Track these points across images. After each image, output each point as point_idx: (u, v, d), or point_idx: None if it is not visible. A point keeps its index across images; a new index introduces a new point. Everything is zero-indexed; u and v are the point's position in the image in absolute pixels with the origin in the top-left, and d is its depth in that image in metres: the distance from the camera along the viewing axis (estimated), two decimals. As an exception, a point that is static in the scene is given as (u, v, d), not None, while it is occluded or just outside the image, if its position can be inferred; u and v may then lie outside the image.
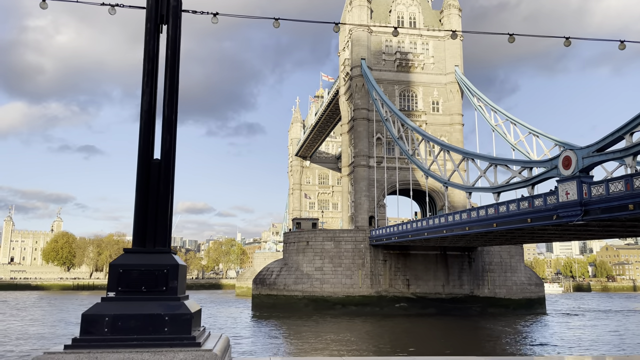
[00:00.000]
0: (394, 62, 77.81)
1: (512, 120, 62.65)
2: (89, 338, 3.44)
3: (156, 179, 3.76)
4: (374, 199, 72.95)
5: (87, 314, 3.54)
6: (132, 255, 3.79)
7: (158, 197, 3.77)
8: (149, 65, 3.80)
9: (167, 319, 3.57)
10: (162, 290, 3.74)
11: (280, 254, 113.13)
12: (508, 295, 69.77)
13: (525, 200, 35.00)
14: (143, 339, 3.49)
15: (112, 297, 3.68)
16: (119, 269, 3.74)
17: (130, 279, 3.72)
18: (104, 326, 3.49)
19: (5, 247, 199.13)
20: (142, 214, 3.75)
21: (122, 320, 3.53)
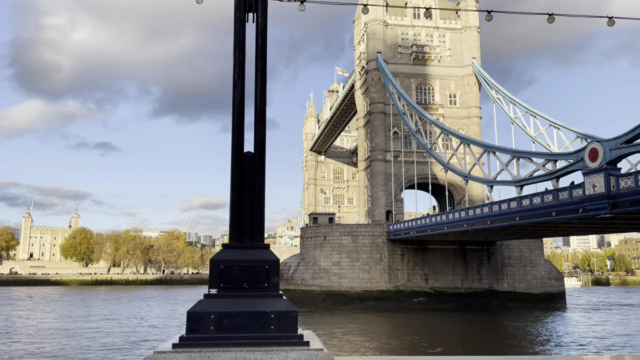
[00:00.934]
0: (410, 55, 77.17)
1: (532, 113, 61.79)
2: (196, 336, 3.34)
3: (250, 173, 3.63)
4: (391, 193, 72.61)
5: (193, 311, 3.44)
6: (232, 251, 3.67)
7: (253, 190, 3.64)
8: (240, 55, 3.66)
9: (272, 316, 3.47)
10: (264, 286, 3.64)
11: (296, 249, 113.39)
12: (528, 289, 69.06)
13: (550, 194, 34.46)
14: (250, 338, 3.38)
15: (214, 294, 3.58)
16: (220, 264, 3.63)
17: (232, 275, 3.62)
18: (210, 324, 3.39)
19: (24, 243, 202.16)
20: (237, 208, 3.62)
21: (228, 318, 3.42)
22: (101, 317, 57.33)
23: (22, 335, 43.31)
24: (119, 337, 41.47)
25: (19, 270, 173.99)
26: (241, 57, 3.68)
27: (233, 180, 3.64)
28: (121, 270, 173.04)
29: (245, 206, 3.63)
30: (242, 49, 3.69)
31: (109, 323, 51.85)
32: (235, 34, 3.69)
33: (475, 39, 77.77)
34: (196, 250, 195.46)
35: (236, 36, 3.67)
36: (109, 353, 33.95)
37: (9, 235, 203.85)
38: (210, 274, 3.61)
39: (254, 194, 3.65)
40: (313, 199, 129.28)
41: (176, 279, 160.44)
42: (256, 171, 3.64)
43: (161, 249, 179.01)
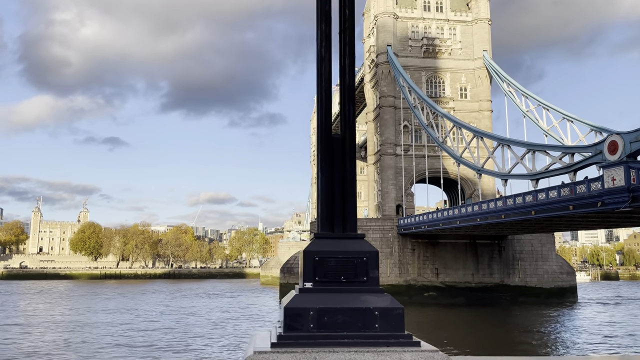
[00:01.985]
0: (420, 48, 76.49)
1: (545, 106, 61.12)
2: (295, 335, 3.09)
3: (340, 156, 3.36)
4: (402, 187, 72.24)
5: (290, 307, 3.19)
6: (325, 242, 3.39)
7: (344, 176, 3.36)
8: (326, 28, 3.34)
9: (377, 313, 3.19)
10: (363, 280, 3.36)
11: (304, 244, 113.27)
12: (539, 284, 68.61)
13: (567, 187, 34.01)
14: (354, 337, 3.11)
15: (310, 288, 3.32)
16: (314, 256, 3.36)
17: (328, 268, 3.35)
18: (309, 321, 3.14)
19: (34, 238, 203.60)
20: (328, 195, 3.34)
21: (329, 315, 3.16)
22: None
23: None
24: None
25: (29, 264, 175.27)
26: (327, 30, 3.36)
27: (322, 165, 3.35)
28: (130, 264, 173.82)
29: (336, 193, 3.35)
30: (328, 20, 3.37)
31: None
32: (320, 4, 3.39)
33: (486, 32, 76.96)
34: (204, 244, 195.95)
35: (321, 7, 3.37)
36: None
37: (18, 230, 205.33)
38: (304, 266, 3.30)
39: (345, 180, 3.36)
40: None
41: (185, 273, 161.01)
42: (346, 154, 3.36)
43: (169, 243, 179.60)
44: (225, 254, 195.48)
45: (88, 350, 32.68)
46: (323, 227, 3.38)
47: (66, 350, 32.73)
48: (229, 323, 47.74)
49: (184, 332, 41.26)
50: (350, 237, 3.39)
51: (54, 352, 32.05)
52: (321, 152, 3.35)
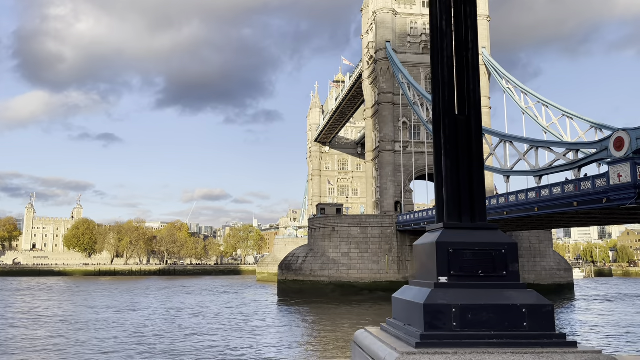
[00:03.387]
0: (419, 44, 76.32)
1: (544, 102, 61.12)
2: (439, 334, 2.83)
3: (465, 139, 3.11)
4: (400, 184, 72.16)
5: (430, 304, 2.90)
6: (457, 232, 3.12)
7: (470, 160, 3.12)
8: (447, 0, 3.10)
9: (524, 311, 2.91)
10: (502, 275, 3.08)
11: (301, 240, 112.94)
12: (537, 280, 68.77)
13: (571, 184, 33.97)
14: (502, 337, 2.84)
15: (446, 284, 3.04)
16: (448, 247, 3.06)
17: (464, 261, 3.07)
18: (452, 319, 2.87)
19: (27, 234, 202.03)
20: (454, 180, 3.08)
21: (473, 313, 2.89)
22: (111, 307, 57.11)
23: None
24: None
25: (22, 260, 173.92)
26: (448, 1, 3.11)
27: (447, 149, 3.09)
28: (124, 261, 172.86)
29: (462, 179, 3.10)
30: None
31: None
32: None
33: (484, 28, 76.87)
34: (199, 241, 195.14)
35: (439, -25, 3.12)
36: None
37: (11, 226, 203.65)
38: (438, 258, 3.02)
39: (472, 165, 3.12)
40: (318, 190, 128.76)
41: (179, 269, 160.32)
42: (473, 137, 3.11)
43: (164, 239, 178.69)
44: (220, 250, 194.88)
45: (103, 347, 32.36)
46: (450, 216, 3.11)
47: (72, 348, 32.39)
48: (238, 319, 47.50)
49: (198, 331, 40.99)
50: (483, 227, 3.12)
51: (64, 351, 31.71)
52: (446, 135, 3.09)
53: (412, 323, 2.97)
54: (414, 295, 3.07)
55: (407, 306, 3.05)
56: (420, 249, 3.25)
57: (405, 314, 2.98)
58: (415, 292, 3.08)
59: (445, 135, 3.11)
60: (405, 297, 3.15)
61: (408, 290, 3.24)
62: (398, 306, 3.26)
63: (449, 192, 3.10)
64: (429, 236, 3.22)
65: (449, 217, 3.13)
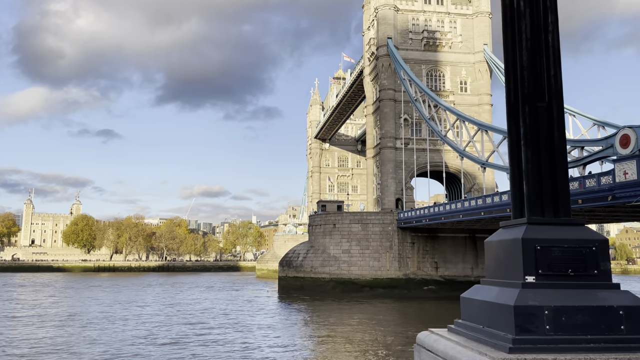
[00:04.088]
0: (421, 41, 76.08)
1: (546, 100, 61.01)
2: (532, 338, 2.64)
3: (546, 129, 2.94)
4: (401, 181, 72.03)
5: (521, 305, 2.70)
6: (543, 228, 2.92)
7: (552, 152, 2.95)
8: None
9: (621, 313, 2.73)
10: (594, 274, 2.91)
11: (301, 237, 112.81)
12: (538, 278, 68.88)
13: (576, 181, 33.84)
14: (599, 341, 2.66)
15: (534, 283, 2.84)
16: (535, 244, 2.86)
17: (552, 259, 2.87)
18: (545, 322, 2.68)
19: (26, 230, 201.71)
20: (535, 173, 2.90)
21: (566, 315, 2.70)
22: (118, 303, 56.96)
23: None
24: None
25: (21, 256, 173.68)
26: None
27: (527, 139, 2.92)
28: (123, 257, 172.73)
29: (544, 171, 2.93)
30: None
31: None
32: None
33: (486, 25, 76.69)
34: (198, 237, 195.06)
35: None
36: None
37: (10, 222, 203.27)
38: (524, 256, 2.83)
39: (554, 156, 2.95)
40: (317, 187, 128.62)
41: (179, 265, 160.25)
42: (555, 127, 2.95)
43: (163, 236, 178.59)
44: (220, 247, 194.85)
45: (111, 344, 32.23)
46: (533, 211, 2.92)
47: (83, 345, 32.27)
48: (242, 317, 47.42)
49: (207, 328, 40.87)
50: (569, 222, 2.93)
51: (76, 347, 31.57)
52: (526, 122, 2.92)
53: (496, 326, 2.77)
54: (496, 296, 2.87)
55: (487, 307, 2.85)
56: (497, 246, 3.05)
57: (484, 315, 2.78)
58: (496, 292, 2.88)
59: (525, 124, 2.94)
60: (482, 298, 2.96)
61: (483, 290, 3.05)
62: (472, 307, 3.07)
63: (530, 185, 2.92)
64: (508, 232, 3.03)
65: (531, 212, 2.94)
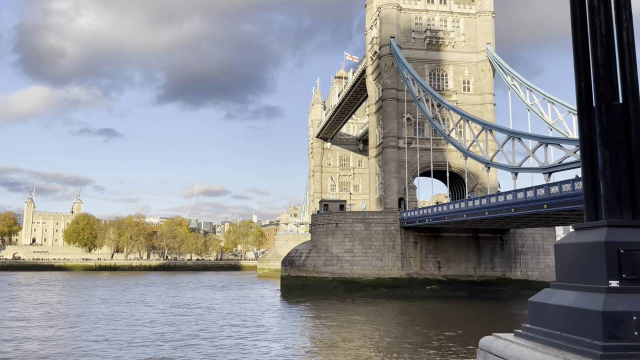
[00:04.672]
0: (423, 40, 75.97)
1: (550, 99, 60.96)
2: (622, 345, 2.57)
3: (624, 128, 2.85)
4: (404, 180, 71.96)
5: (609, 311, 2.62)
6: (625, 231, 2.85)
7: (630, 152, 2.86)
8: None
9: None
10: None
11: (302, 236, 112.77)
12: (541, 277, 68.73)
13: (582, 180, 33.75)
14: None
15: (618, 288, 2.75)
16: (618, 248, 2.78)
17: (636, 263, 2.79)
18: (633, 328, 2.61)
19: (27, 229, 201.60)
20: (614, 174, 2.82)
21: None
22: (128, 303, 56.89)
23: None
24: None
25: (22, 255, 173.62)
26: None
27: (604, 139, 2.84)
28: (124, 256, 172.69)
29: (622, 173, 2.85)
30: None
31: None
32: None
33: (489, 24, 76.56)
34: (199, 236, 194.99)
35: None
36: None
37: (11, 221, 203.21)
38: (608, 260, 2.75)
39: (632, 156, 2.87)
40: (319, 186, 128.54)
41: (180, 265, 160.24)
42: (632, 126, 2.86)
43: (164, 235, 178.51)
44: (221, 246, 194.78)
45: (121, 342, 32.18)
46: (611, 213, 2.85)
47: (92, 342, 32.23)
48: (246, 317, 47.37)
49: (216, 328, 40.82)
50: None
51: (87, 345, 31.53)
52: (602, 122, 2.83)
53: (578, 332, 2.68)
54: (575, 300, 2.78)
55: (565, 312, 2.77)
56: (573, 249, 2.97)
57: (562, 321, 2.70)
58: (574, 297, 2.80)
59: (601, 123, 2.85)
60: (557, 302, 2.88)
61: (556, 295, 2.97)
62: (544, 312, 3.00)
63: (608, 186, 2.85)
64: (586, 235, 2.95)
65: (609, 214, 2.87)
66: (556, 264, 3.20)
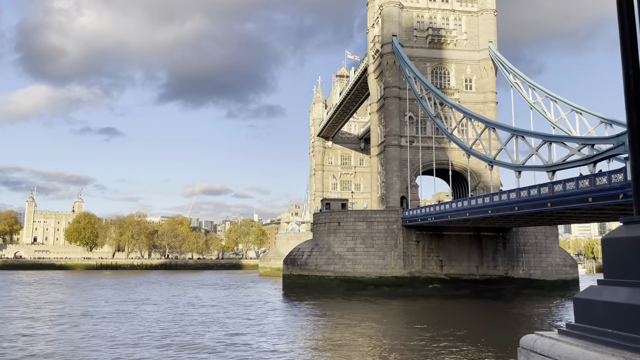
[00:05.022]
0: (425, 38, 75.79)
1: (553, 97, 60.76)
2: None
3: None
4: (406, 179, 71.83)
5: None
6: None
7: None
8: None
9: None
10: None
11: (304, 235, 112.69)
12: (543, 276, 68.67)
13: (586, 179, 33.64)
14: None
15: None
16: None
17: None
18: None
19: (28, 228, 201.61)
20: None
21: None
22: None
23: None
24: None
25: (23, 254, 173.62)
26: None
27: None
28: (126, 255, 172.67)
29: None
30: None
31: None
32: None
33: (492, 22, 76.35)
34: (200, 235, 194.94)
35: None
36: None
37: (12, 220, 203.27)
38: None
39: None
40: (320, 185, 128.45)
41: (181, 263, 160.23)
42: None
43: (166, 234, 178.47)
44: (222, 245, 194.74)
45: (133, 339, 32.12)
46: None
47: (101, 340, 32.19)
48: (250, 316, 47.31)
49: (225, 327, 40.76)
50: None
51: (98, 344, 31.47)
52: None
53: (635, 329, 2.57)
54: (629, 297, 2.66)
55: (618, 310, 2.65)
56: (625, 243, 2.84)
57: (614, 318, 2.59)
58: (628, 293, 2.68)
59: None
60: (607, 299, 2.76)
61: (606, 291, 2.85)
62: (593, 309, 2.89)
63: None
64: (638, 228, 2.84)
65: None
66: (604, 259, 3.10)
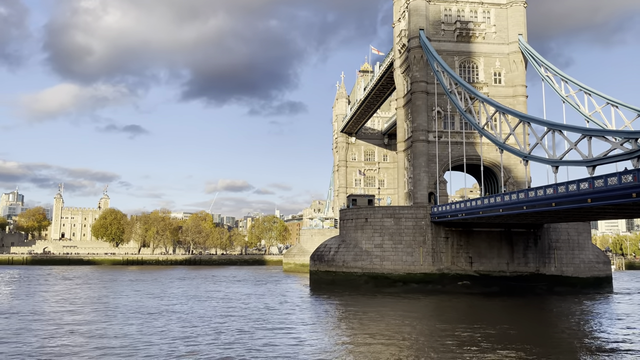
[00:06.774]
0: (453, 32, 74.65)
1: (587, 91, 59.32)
2: None
3: None
4: (434, 174, 71.01)
5: None
6: None
7: None
8: None
9: None
10: None
11: (328, 231, 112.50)
12: (575, 273, 67.26)
13: (629, 174, 32.62)
14: None
15: None
16: None
17: None
18: None
19: (56, 224, 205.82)
20: None
21: None
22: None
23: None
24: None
25: (52, 249, 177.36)
26: None
27: None
28: (151, 250, 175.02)
29: None
30: None
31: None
32: None
33: (521, 15, 74.82)
34: (224, 231, 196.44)
35: None
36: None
37: (40, 216, 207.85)
38: None
39: None
40: (344, 181, 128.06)
41: (205, 259, 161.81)
42: None
43: (190, 230, 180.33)
44: (245, 241, 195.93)
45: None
46: None
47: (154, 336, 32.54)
48: (280, 313, 47.38)
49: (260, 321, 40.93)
50: None
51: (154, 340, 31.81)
52: None
53: None
54: None
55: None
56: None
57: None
58: None
59: None
60: None
61: None
62: None
63: None
64: None
65: None
66: None
